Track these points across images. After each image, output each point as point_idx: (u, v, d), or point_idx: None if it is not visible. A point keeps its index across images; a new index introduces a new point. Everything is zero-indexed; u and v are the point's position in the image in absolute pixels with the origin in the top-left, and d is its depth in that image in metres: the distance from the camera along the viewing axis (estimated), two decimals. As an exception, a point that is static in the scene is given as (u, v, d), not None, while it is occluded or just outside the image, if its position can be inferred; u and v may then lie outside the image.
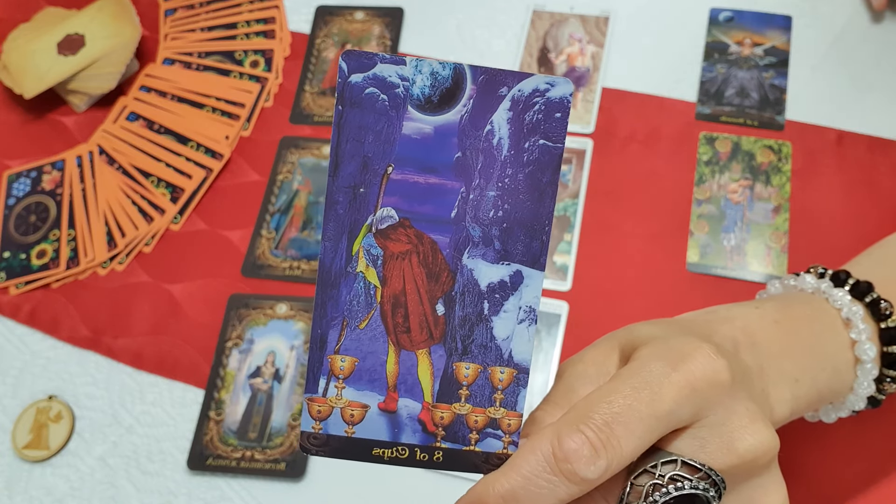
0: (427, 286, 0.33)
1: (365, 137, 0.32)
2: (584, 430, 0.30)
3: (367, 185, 0.32)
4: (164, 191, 0.71)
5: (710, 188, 0.65)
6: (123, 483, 0.59)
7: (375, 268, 0.33)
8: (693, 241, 0.63)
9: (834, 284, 0.44)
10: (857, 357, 0.42)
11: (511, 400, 0.33)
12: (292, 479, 0.57)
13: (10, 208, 0.72)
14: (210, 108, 0.74)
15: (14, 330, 0.66)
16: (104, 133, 0.74)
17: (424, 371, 0.33)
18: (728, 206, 0.64)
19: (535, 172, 0.32)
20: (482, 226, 0.32)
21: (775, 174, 0.65)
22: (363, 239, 0.33)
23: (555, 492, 0.30)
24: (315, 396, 0.34)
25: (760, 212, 0.64)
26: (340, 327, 0.33)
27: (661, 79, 0.71)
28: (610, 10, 0.75)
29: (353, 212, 0.32)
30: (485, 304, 0.33)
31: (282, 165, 0.71)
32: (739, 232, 0.63)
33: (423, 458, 0.34)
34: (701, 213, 0.64)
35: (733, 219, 0.64)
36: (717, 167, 0.66)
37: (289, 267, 0.66)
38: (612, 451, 0.30)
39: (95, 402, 0.62)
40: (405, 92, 0.31)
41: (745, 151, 0.66)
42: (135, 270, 0.67)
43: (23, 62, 0.76)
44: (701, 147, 0.67)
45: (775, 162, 0.65)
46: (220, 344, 0.63)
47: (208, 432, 0.59)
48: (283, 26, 0.79)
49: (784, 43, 0.71)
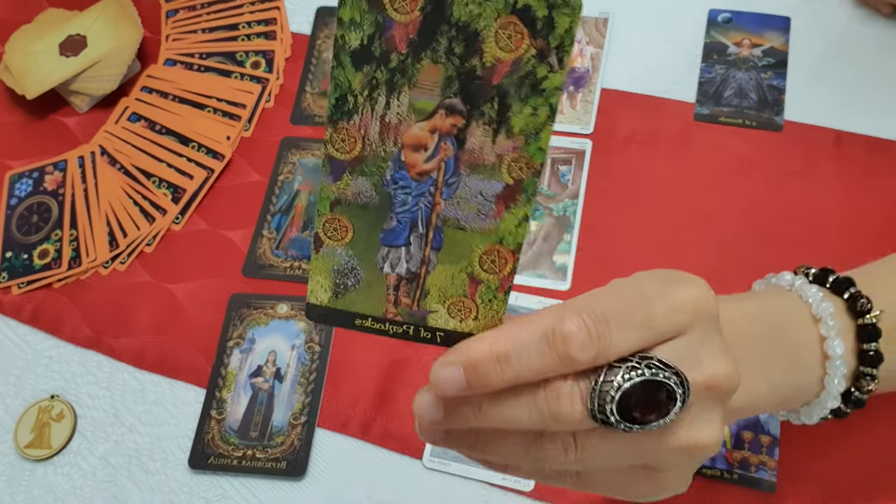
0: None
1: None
2: (584, 318, 0.32)
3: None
4: (166, 191, 0.71)
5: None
6: (125, 482, 0.59)
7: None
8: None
9: (814, 281, 0.44)
10: (825, 353, 0.42)
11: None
12: (293, 478, 0.58)
13: (13, 208, 0.72)
14: (211, 108, 0.75)
15: (16, 329, 0.66)
16: (106, 133, 0.75)
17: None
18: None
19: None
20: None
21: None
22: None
23: (543, 363, 0.32)
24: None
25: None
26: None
27: (660, 79, 0.71)
28: (609, 10, 0.75)
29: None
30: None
31: (283, 166, 0.71)
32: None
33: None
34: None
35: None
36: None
37: (290, 267, 0.66)
38: (603, 344, 0.32)
39: (97, 402, 0.62)
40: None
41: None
42: (136, 270, 0.68)
43: (25, 63, 0.76)
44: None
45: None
46: (222, 343, 0.63)
47: (210, 431, 0.60)
48: (284, 27, 0.79)
49: (782, 44, 0.71)
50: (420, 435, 0.36)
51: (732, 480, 0.54)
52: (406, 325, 0.35)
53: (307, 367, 0.61)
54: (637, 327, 0.33)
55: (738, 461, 0.54)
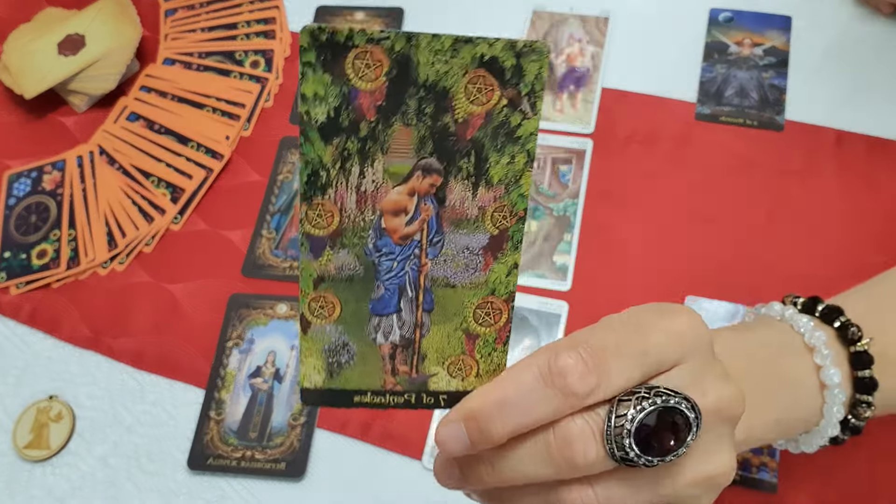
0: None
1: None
2: (579, 351, 0.32)
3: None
4: (165, 191, 0.71)
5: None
6: (124, 483, 0.59)
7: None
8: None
9: (803, 310, 0.44)
10: (822, 382, 0.42)
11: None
12: (292, 479, 0.57)
13: (11, 208, 0.72)
14: (210, 108, 0.75)
15: (15, 330, 0.66)
16: (105, 133, 0.74)
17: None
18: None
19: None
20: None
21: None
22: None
23: (545, 404, 0.31)
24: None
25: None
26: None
27: (661, 79, 0.71)
28: (610, 10, 0.75)
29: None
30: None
31: (282, 165, 0.71)
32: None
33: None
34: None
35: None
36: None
37: (289, 267, 0.66)
38: (603, 374, 0.32)
39: (96, 402, 0.62)
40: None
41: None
42: (135, 270, 0.68)
43: (23, 62, 0.76)
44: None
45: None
46: (221, 344, 0.63)
47: (209, 432, 0.59)
48: (284, 26, 0.79)
49: (783, 43, 0.71)
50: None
51: (734, 481, 0.53)
52: (407, 393, 0.34)
53: (307, 368, 0.61)
54: (635, 356, 0.32)
55: (740, 462, 0.54)
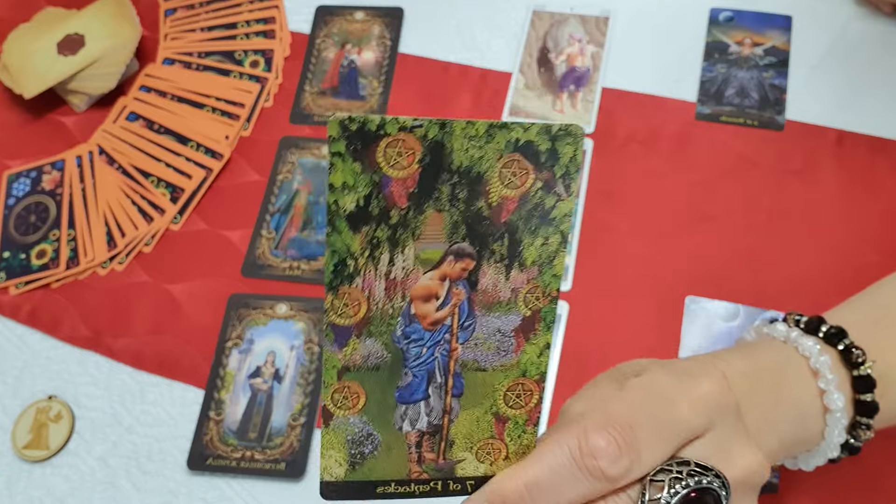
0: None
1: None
2: (609, 430, 0.31)
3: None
4: (164, 191, 0.71)
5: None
6: (123, 483, 0.59)
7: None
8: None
9: (807, 331, 0.44)
10: (825, 406, 0.42)
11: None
12: (292, 479, 0.57)
13: (10, 208, 0.72)
14: (210, 108, 0.74)
15: (14, 330, 0.66)
16: (104, 133, 0.74)
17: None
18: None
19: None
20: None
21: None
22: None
23: (577, 487, 0.31)
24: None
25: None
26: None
27: (661, 79, 0.71)
28: (610, 10, 0.75)
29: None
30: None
31: (282, 165, 0.71)
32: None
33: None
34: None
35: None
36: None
37: (289, 267, 0.66)
38: (635, 454, 0.31)
39: (95, 402, 0.62)
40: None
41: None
42: (135, 270, 0.67)
43: (23, 62, 0.76)
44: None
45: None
46: (220, 344, 0.63)
47: (208, 432, 0.59)
48: (283, 26, 0.79)
49: (784, 43, 0.71)
50: None
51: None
52: (433, 481, 0.34)
53: (306, 368, 0.61)
54: (665, 430, 0.32)
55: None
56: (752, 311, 0.59)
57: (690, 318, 0.60)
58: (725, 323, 0.59)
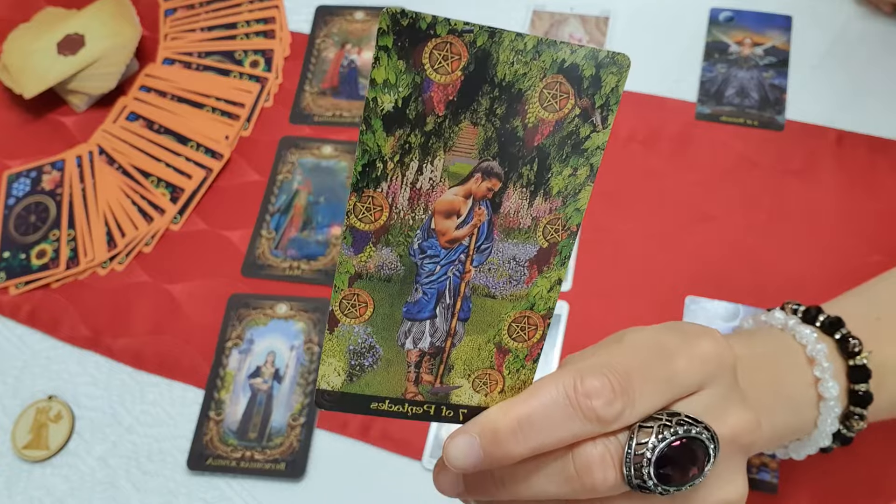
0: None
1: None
2: (605, 374, 0.31)
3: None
4: (164, 191, 0.71)
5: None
6: (123, 483, 0.59)
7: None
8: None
9: (804, 320, 0.44)
10: (820, 394, 0.42)
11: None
12: (292, 479, 0.57)
13: (10, 208, 0.72)
14: (210, 108, 0.74)
15: (14, 330, 0.66)
16: (104, 133, 0.74)
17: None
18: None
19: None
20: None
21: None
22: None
23: (569, 426, 0.31)
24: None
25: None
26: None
27: (661, 79, 0.71)
28: (610, 10, 0.75)
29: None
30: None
31: (282, 165, 0.71)
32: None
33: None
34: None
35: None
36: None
37: (289, 267, 0.66)
38: (628, 399, 0.31)
39: (95, 402, 0.62)
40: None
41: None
42: (135, 270, 0.67)
43: (23, 62, 0.76)
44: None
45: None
46: (220, 344, 0.63)
47: (208, 432, 0.59)
48: (283, 26, 0.79)
49: (784, 43, 0.71)
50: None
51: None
52: (427, 404, 0.33)
53: (306, 368, 0.61)
54: (660, 382, 0.32)
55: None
56: (752, 312, 0.59)
57: (690, 318, 0.60)
58: (725, 323, 0.59)
